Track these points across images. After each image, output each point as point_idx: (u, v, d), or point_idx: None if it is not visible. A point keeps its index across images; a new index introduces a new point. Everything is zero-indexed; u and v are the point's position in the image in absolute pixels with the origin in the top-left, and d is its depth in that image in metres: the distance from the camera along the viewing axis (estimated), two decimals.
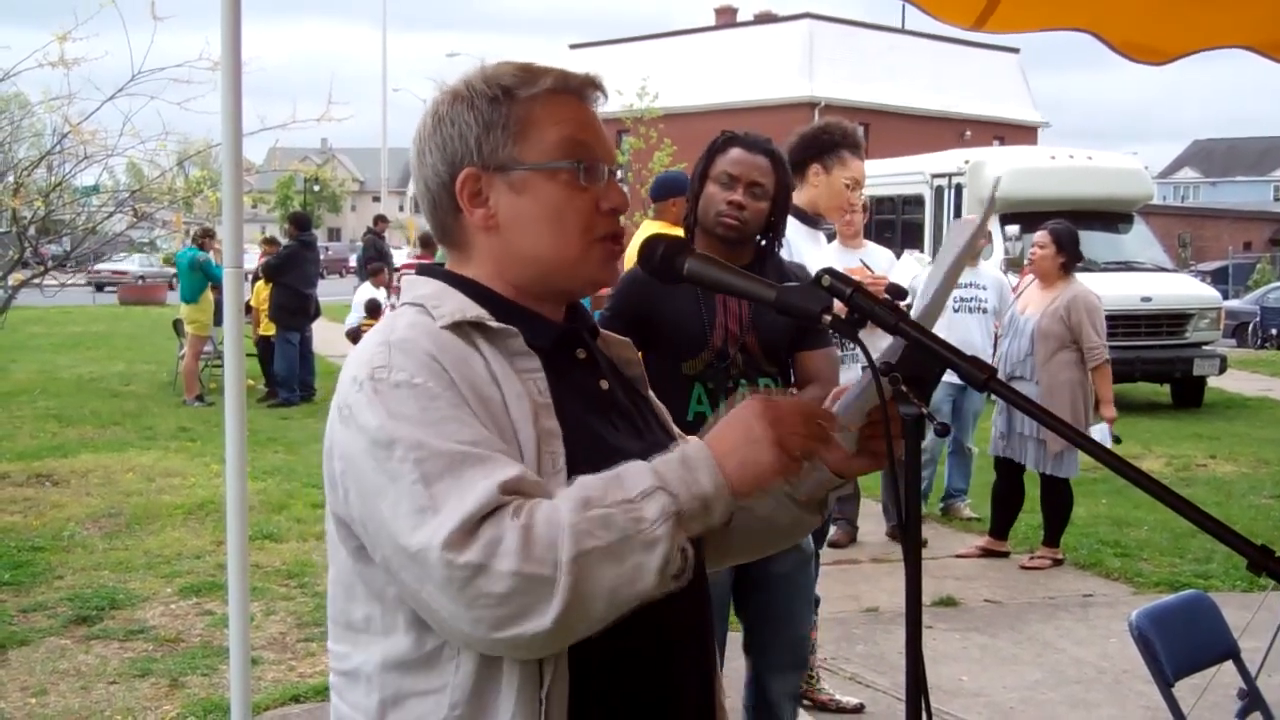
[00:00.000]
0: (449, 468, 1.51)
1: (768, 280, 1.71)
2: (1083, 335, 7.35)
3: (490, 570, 1.45)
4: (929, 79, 44.59)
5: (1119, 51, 3.64)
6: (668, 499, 1.51)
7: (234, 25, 3.56)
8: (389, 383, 1.58)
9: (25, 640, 5.94)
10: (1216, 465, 11.62)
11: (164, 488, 9.41)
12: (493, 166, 1.72)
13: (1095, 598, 7.12)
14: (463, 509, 1.47)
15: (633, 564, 1.48)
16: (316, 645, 5.87)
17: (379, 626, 1.65)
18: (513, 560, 1.45)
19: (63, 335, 22.91)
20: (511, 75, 1.75)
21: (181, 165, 10.56)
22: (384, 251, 19.65)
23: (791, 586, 3.96)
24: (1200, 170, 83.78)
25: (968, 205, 16.78)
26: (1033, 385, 7.41)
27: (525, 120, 1.73)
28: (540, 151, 1.72)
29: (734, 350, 3.69)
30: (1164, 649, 3.49)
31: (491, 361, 1.65)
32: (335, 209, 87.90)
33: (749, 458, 1.58)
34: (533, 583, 1.45)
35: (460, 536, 1.46)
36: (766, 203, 3.77)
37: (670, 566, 1.50)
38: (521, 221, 1.73)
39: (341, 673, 1.74)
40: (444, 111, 1.75)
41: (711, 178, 3.79)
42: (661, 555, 1.49)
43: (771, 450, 1.58)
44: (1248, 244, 46.83)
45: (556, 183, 1.72)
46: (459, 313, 1.68)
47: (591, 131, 1.77)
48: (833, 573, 6.98)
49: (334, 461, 1.64)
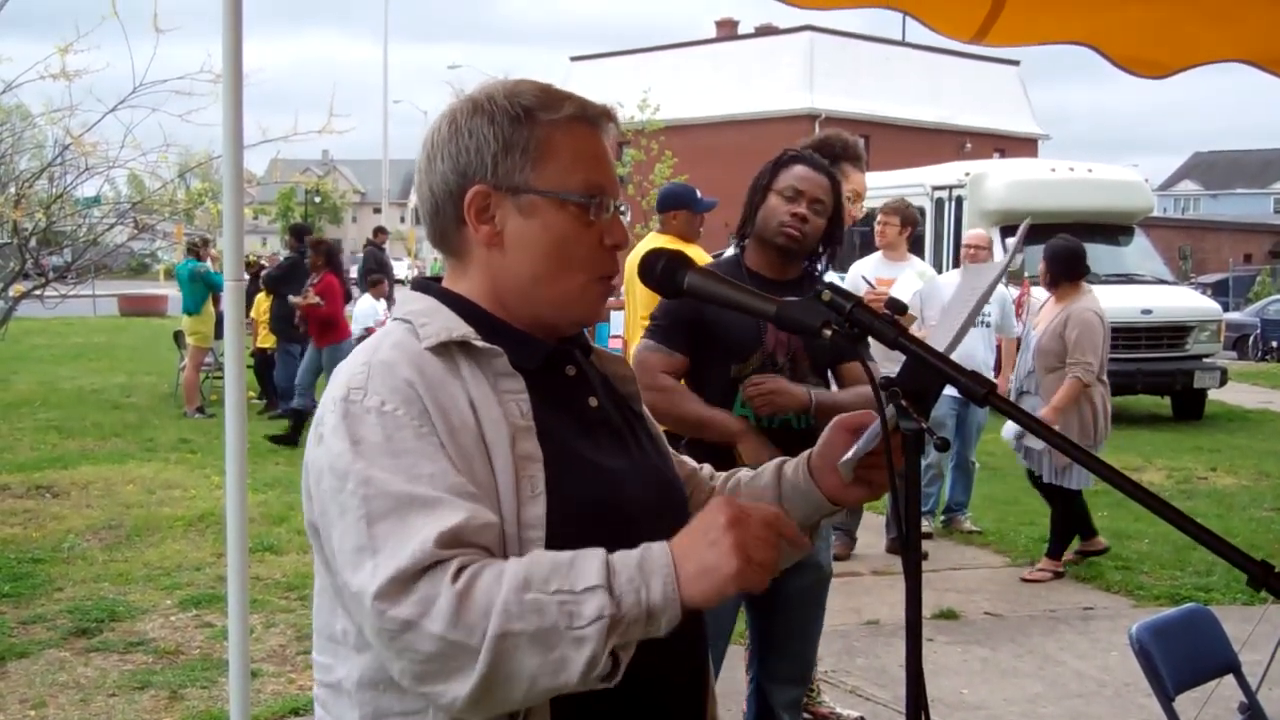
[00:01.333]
0: (394, 509, 1.50)
1: (767, 295, 1.71)
2: (1074, 350, 7.29)
3: (419, 629, 1.44)
4: (929, 91, 44.69)
5: (1118, 65, 3.65)
6: (607, 601, 1.45)
7: (235, 37, 3.56)
8: (361, 405, 1.58)
9: (25, 652, 5.94)
10: (1217, 478, 11.62)
11: (164, 500, 9.41)
12: (505, 187, 1.71)
13: (1096, 610, 7.11)
14: (397, 561, 1.46)
15: (557, 656, 1.44)
16: None
17: (353, 642, 1.65)
18: (441, 624, 1.44)
19: (64, 347, 22.92)
20: (533, 96, 1.74)
21: (183, 177, 10.56)
22: (384, 263, 19.62)
23: (808, 604, 3.99)
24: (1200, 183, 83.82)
25: (968, 217, 16.79)
26: (1037, 399, 7.45)
27: (544, 145, 1.72)
28: (555, 180, 1.72)
29: (783, 357, 3.76)
30: (1164, 662, 3.48)
31: (472, 386, 1.65)
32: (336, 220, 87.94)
33: (708, 563, 1.49)
34: (456, 649, 1.44)
35: (394, 589, 1.45)
36: (825, 220, 3.86)
37: (596, 669, 1.45)
38: (525, 245, 1.72)
39: (326, 684, 1.73)
40: (462, 122, 1.74)
41: (775, 190, 3.86)
42: (589, 655, 1.44)
43: (730, 557, 1.49)
44: (1248, 256, 46.84)
45: (566, 213, 1.72)
46: (445, 332, 1.67)
47: (604, 166, 1.77)
48: (834, 585, 6.91)
49: (309, 475, 1.65)
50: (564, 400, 1.75)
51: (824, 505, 1.88)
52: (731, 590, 1.50)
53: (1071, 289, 7.49)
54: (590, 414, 1.79)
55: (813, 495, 1.88)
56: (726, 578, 1.48)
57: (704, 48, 48.89)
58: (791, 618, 3.98)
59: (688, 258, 1.80)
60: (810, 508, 1.89)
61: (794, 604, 3.95)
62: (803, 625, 4.03)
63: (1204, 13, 3.50)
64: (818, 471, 1.88)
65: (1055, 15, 3.56)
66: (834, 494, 1.86)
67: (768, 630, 4.06)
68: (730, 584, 1.49)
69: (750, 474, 1.99)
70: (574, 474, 1.65)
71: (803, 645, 4.07)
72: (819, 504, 1.88)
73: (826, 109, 41.52)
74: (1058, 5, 3.53)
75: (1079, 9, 3.53)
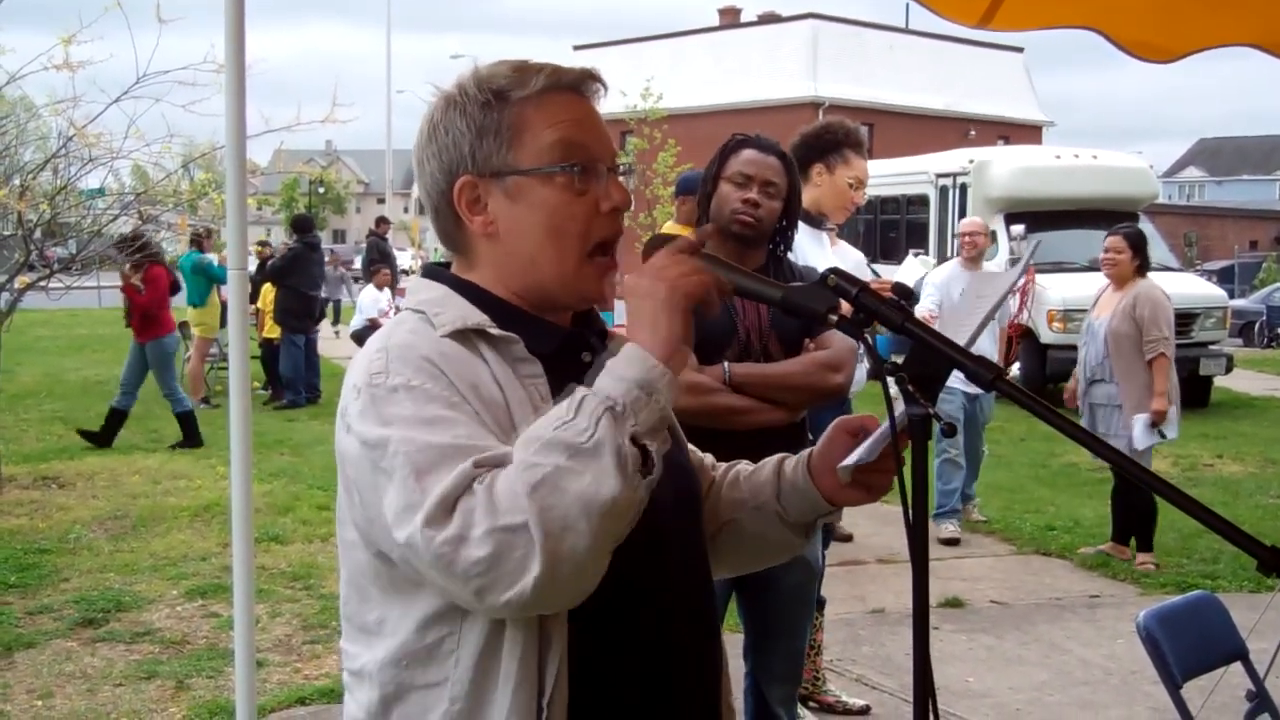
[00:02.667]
0: (440, 460, 1.51)
1: (774, 280, 1.71)
2: (1151, 327, 7.36)
3: (469, 538, 1.45)
4: (933, 78, 44.54)
5: (1124, 49, 3.63)
6: (595, 400, 1.49)
7: (238, 28, 3.56)
8: (385, 387, 1.58)
9: (31, 643, 5.95)
10: (1223, 465, 11.61)
11: (170, 490, 9.42)
12: (488, 173, 1.70)
13: (1102, 598, 7.10)
14: (441, 489, 1.48)
15: (590, 477, 1.45)
16: (322, 648, 5.87)
17: (390, 628, 1.66)
18: (485, 521, 1.45)
19: (69, 338, 22.96)
20: (504, 77, 1.72)
21: (186, 168, 10.57)
22: (387, 253, 19.60)
23: (795, 598, 3.97)
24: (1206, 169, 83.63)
25: (973, 205, 16.76)
26: (1112, 387, 7.40)
27: (518, 124, 1.70)
28: (534, 155, 1.70)
29: (758, 344, 3.71)
30: (1171, 650, 3.47)
31: (494, 367, 1.65)
32: (340, 211, 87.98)
33: (645, 313, 1.56)
34: (507, 534, 1.44)
35: (439, 514, 1.47)
36: (779, 202, 3.79)
37: (628, 463, 1.46)
38: (520, 229, 1.71)
39: (352, 672, 1.74)
40: (438, 119, 1.74)
41: (725, 178, 3.81)
42: (611, 454, 1.46)
43: (655, 288, 1.56)
44: (1254, 243, 46.73)
45: (553, 187, 1.70)
46: (460, 320, 1.67)
47: (588, 129, 1.73)
48: (839, 573, 6.98)
49: (345, 469, 1.65)
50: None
51: (821, 505, 1.88)
52: (681, 305, 1.57)
53: (1137, 275, 7.52)
54: None
55: (810, 494, 1.87)
56: (665, 303, 1.56)
57: (707, 36, 48.72)
58: (782, 614, 3.97)
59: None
60: (807, 506, 1.89)
61: (784, 600, 3.93)
62: (793, 622, 4.01)
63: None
64: (817, 471, 1.87)
65: (1059, 1, 3.54)
66: (831, 494, 1.86)
67: (759, 627, 4.05)
68: (673, 302, 1.56)
69: (750, 467, 1.98)
70: None
71: (793, 642, 4.06)
72: (816, 503, 1.88)
73: (830, 97, 41.40)
74: None
75: None
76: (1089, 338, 7.67)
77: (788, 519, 1.90)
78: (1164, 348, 7.34)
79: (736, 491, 1.94)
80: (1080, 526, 8.39)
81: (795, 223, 3.92)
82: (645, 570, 1.63)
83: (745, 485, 1.95)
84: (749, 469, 1.98)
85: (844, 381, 3.75)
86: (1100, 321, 7.56)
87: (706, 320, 3.63)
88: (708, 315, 1.64)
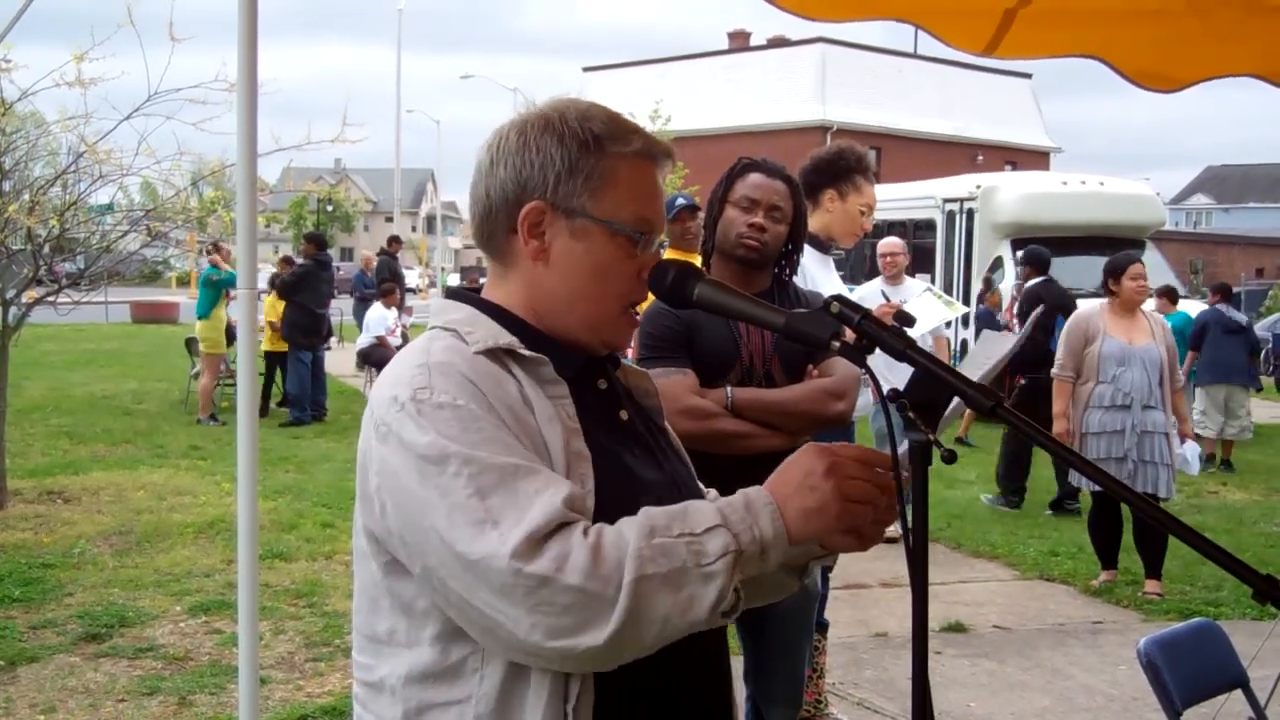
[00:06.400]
0: (502, 481, 1.55)
1: (776, 306, 1.73)
2: (1175, 359, 7.41)
3: (557, 582, 1.50)
4: (941, 103, 44.69)
5: (1129, 79, 3.66)
6: (729, 538, 1.56)
7: (250, 47, 3.59)
8: (432, 403, 1.61)
9: (35, 657, 5.96)
10: (1227, 492, 11.59)
11: (175, 506, 9.43)
12: (563, 208, 1.76)
13: (1105, 625, 7.09)
14: (530, 521, 1.52)
15: (688, 594, 1.53)
16: (325, 665, 5.88)
17: (403, 639, 1.69)
18: (579, 576, 1.50)
19: (75, 353, 22.99)
20: (604, 124, 1.78)
21: (196, 185, 10.61)
22: (396, 272, 19.71)
23: (794, 621, 3.97)
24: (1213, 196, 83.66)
25: (979, 230, 16.79)
26: (1162, 414, 7.34)
27: (607, 176, 1.76)
28: (611, 210, 1.76)
29: (761, 369, 3.72)
30: (1173, 677, 3.48)
31: (525, 386, 1.69)
32: (348, 229, 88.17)
33: (809, 504, 1.61)
34: (594, 599, 1.50)
35: (529, 547, 1.51)
36: (785, 227, 3.81)
37: (724, 603, 1.54)
38: (570, 265, 1.77)
39: (366, 684, 1.76)
40: (532, 136, 1.77)
41: (731, 202, 3.82)
42: (717, 590, 1.53)
43: (832, 497, 1.61)
44: (1260, 270, 46.71)
45: (614, 243, 1.77)
46: (491, 339, 1.71)
47: (657, 203, 1.83)
48: (842, 597, 6.97)
49: (370, 477, 1.67)
50: (597, 411, 1.79)
51: (813, 548, 1.90)
52: (835, 532, 1.62)
53: None
54: (621, 426, 1.84)
55: None
56: (831, 519, 1.62)
57: (717, 59, 48.93)
58: (780, 638, 3.96)
59: (697, 268, 1.81)
60: (800, 549, 1.91)
61: (783, 624, 3.92)
62: (791, 645, 4.01)
63: (1212, 29, 3.51)
64: None
65: (1065, 30, 3.57)
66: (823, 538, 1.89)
67: (758, 650, 4.04)
68: (835, 524, 1.62)
69: None
70: (616, 480, 1.70)
71: (793, 665, 4.05)
72: (808, 547, 1.90)
73: (838, 121, 41.53)
74: (1067, 20, 3.54)
75: (1088, 24, 3.54)
76: (1132, 362, 7.36)
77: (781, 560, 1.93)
78: (1183, 380, 7.48)
79: None
80: (1084, 552, 8.37)
81: (800, 247, 3.94)
82: None
83: None
84: None
85: (846, 409, 3.76)
86: (1148, 348, 7.41)
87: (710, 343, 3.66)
88: (830, 548, 1.73)
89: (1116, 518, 7.76)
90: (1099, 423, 7.40)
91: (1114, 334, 7.47)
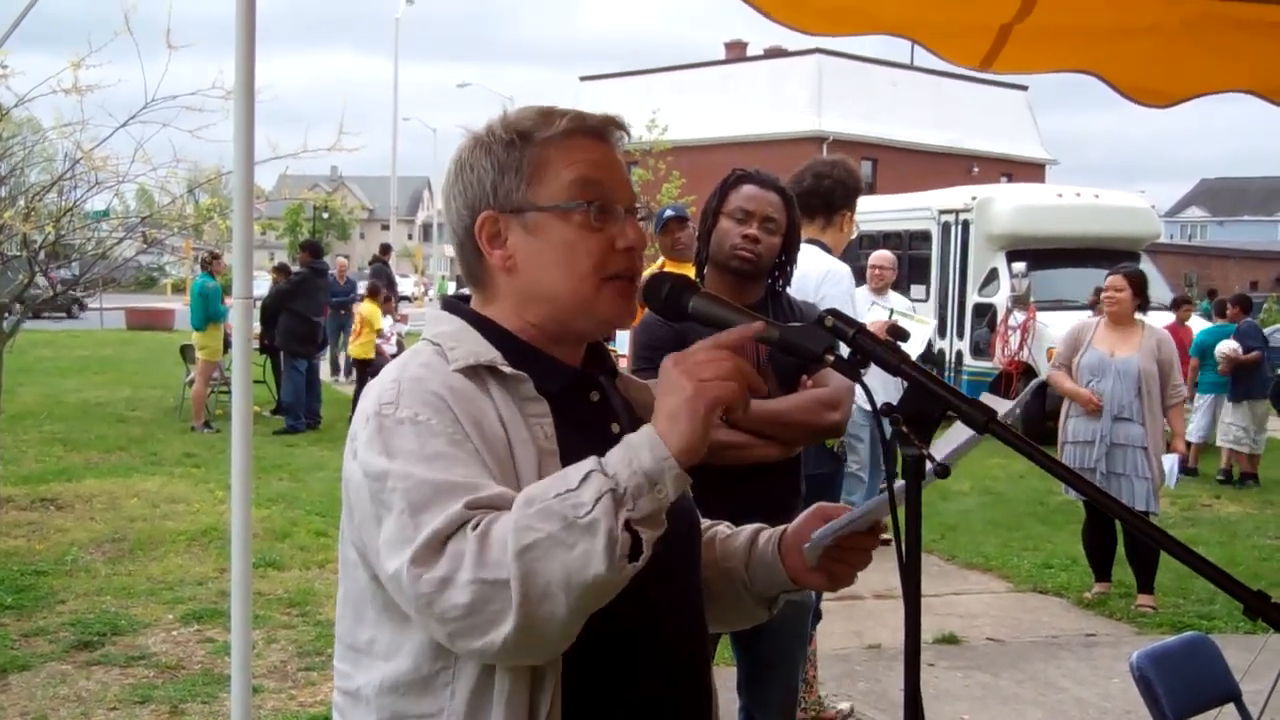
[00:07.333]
0: (435, 498, 1.54)
1: (770, 319, 1.73)
2: (1173, 373, 7.42)
3: (454, 582, 1.49)
4: (937, 115, 44.74)
5: (1123, 94, 3.67)
6: (602, 480, 1.50)
7: (248, 54, 3.59)
8: (393, 419, 1.62)
9: (26, 665, 5.94)
10: (1221, 506, 11.60)
11: (168, 513, 9.42)
12: (508, 209, 1.76)
13: (1098, 637, 7.09)
14: (430, 527, 1.51)
15: (579, 552, 1.46)
16: (317, 674, 5.87)
17: (382, 650, 1.69)
18: (471, 570, 1.48)
19: (70, 359, 22.96)
20: (530, 119, 1.78)
21: (192, 192, 10.61)
22: (390, 279, 19.83)
23: (788, 630, 3.97)
24: (1208, 209, 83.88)
25: (974, 242, 16.82)
26: (1139, 427, 7.35)
27: (539, 163, 1.76)
28: (553, 193, 1.75)
29: None
30: (1165, 690, 3.48)
31: (501, 406, 1.69)
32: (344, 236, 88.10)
33: (671, 404, 1.55)
34: (489, 589, 1.48)
35: (426, 553, 1.50)
36: (779, 238, 3.80)
37: (617, 547, 1.48)
38: (537, 262, 1.76)
39: (345, 692, 1.78)
40: (465, 158, 1.80)
41: (725, 213, 3.82)
42: (605, 537, 1.47)
43: (686, 382, 1.54)
44: (1254, 283, 46.73)
45: (569, 224, 1.75)
46: (473, 356, 1.71)
47: (606, 169, 1.79)
48: (836, 608, 6.97)
49: (348, 490, 1.69)
50: (587, 425, 1.78)
51: (785, 582, 1.92)
52: (703, 411, 1.53)
53: (1137, 314, 7.57)
54: (613, 440, 1.80)
55: (776, 569, 1.91)
56: (689, 402, 1.53)
57: (713, 69, 48.99)
58: (774, 647, 3.97)
59: (693, 282, 1.81)
60: (772, 580, 1.93)
61: (777, 633, 3.92)
62: (785, 654, 4.02)
63: (1206, 44, 3.52)
64: (786, 548, 1.91)
65: (1060, 46, 3.58)
66: (795, 574, 1.90)
67: (752, 659, 4.05)
68: (696, 405, 1.53)
69: (729, 530, 2.03)
70: None
71: (787, 674, 4.06)
72: (781, 579, 1.92)
73: (834, 131, 41.59)
74: (1062, 36, 3.55)
75: (1083, 40, 3.55)
76: (1108, 374, 7.46)
77: (751, 589, 1.95)
78: (1184, 394, 7.46)
79: (710, 551, 1.98)
80: (1078, 565, 8.38)
81: (794, 258, 3.93)
82: (640, 605, 1.65)
83: (719, 546, 1.99)
84: (727, 531, 2.02)
85: (841, 419, 3.76)
86: (1127, 360, 7.44)
87: None
88: (731, 416, 1.64)
89: (1110, 530, 7.77)
90: (1073, 431, 7.59)
91: (1098, 345, 7.59)
